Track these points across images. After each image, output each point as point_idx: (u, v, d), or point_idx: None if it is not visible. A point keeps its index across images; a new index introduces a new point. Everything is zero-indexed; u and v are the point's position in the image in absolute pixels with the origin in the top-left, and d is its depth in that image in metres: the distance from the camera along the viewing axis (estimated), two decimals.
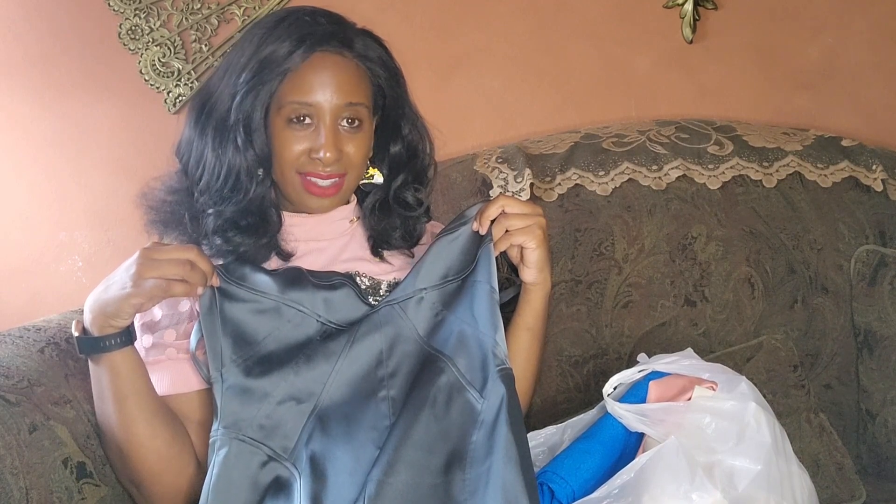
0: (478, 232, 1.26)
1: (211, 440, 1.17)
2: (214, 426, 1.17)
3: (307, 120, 1.27)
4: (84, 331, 1.17)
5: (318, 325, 1.23)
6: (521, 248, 1.27)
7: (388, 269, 1.35)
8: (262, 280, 1.23)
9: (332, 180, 1.29)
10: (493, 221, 1.26)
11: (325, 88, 1.26)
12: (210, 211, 1.27)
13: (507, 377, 1.16)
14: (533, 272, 1.28)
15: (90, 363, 1.19)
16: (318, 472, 1.14)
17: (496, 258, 1.25)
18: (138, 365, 1.19)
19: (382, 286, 1.31)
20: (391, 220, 1.37)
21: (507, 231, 1.25)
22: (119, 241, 1.94)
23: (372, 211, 1.38)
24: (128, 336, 1.16)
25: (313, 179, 1.28)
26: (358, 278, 1.30)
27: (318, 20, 1.30)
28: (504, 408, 1.14)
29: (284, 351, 1.21)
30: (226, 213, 1.27)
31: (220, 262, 1.25)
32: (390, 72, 1.34)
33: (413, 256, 1.39)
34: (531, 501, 1.07)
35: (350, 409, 1.19)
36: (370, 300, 1.28)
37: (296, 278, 1.25)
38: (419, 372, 1.22)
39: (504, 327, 1.22)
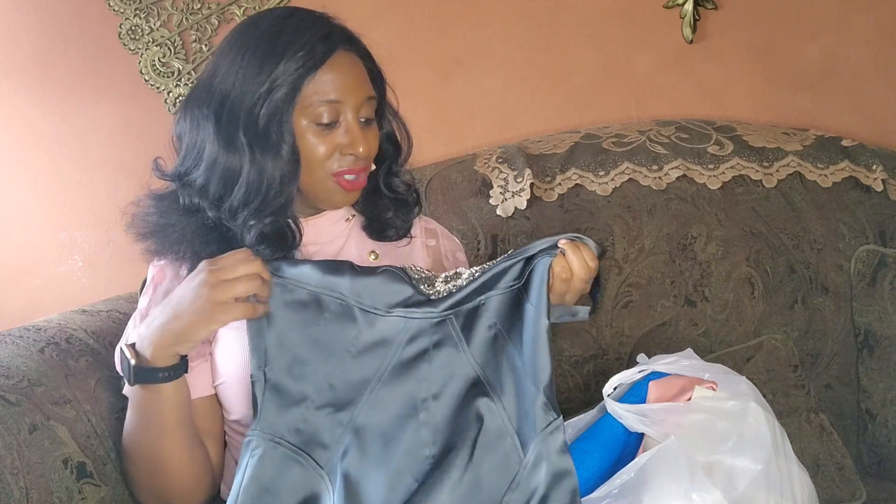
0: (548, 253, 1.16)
1: (247, 439, 1.15)
2: (253, 425, 1.15)
3: (331, 117, 1.25)
4: (136, 358, 1.15)
5: (359, 313, 1.18)
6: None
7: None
8: (301, 270, 1.19)
9: (362, 173, 1.29)
10: (550, 250, 1.16)
11: (347, 85, 1.25)
12: (252, 222, 1.23)
13: (567, 470, 1.10)
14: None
15: (135, 389, 1.18)
16: (351, 493, 1.12)
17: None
18: (187, 393, 1.19)
19: (438, 280, 1.21)
20: (382, 202, 1.37)
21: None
22: (119, 241, 1.94)
23: (365, 196, 1.37)
24: (184, 366, 1.17)
25: (347, 176, 1.27)
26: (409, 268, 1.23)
27: (325, 19, 1.29)
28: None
29: (327, 351, 1.17)
30: (263, 223, 1.23)
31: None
32: (377, 67, 1.34)
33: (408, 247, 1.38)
34: None
35: (389, 428, 1.15)
36: (417, 284, 1.20)
37: (335, 266, 1.20)
38: (463, 400, 1.16)
39: None
